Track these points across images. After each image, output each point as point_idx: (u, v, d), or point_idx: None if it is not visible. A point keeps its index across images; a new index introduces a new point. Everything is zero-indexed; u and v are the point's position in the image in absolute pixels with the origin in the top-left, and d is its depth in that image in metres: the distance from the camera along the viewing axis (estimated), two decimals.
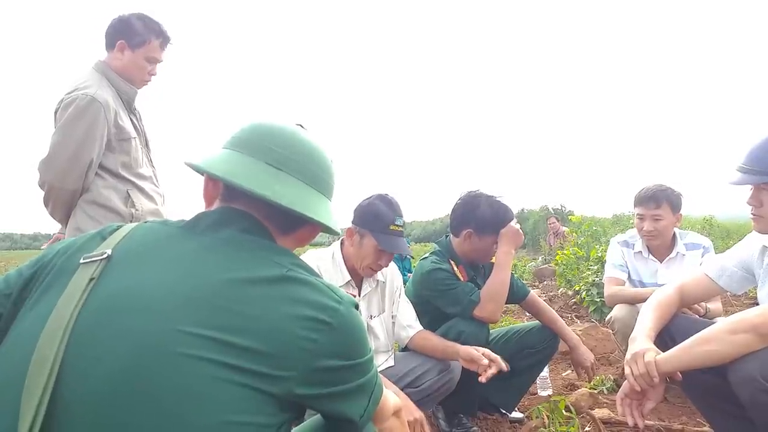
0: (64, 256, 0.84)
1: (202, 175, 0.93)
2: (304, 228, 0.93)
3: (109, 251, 0.81)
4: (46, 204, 2.06)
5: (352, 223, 1.95)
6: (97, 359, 0.70)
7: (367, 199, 1.95)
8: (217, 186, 0.92)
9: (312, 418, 0.96)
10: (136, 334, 0.71)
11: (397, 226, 1.88)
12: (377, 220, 1.88)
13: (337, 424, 0.88)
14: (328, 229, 0.93)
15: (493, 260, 2.31)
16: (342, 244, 2.01)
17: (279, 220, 0.89)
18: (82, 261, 0.80)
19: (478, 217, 2.20)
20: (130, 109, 2.16)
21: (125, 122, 2.07)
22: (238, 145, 0.90)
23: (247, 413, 0.70)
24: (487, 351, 1.89)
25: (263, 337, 0.72)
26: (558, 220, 11.42)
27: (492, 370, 1.82)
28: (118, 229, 0.89)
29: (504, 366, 1.84)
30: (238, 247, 0.82)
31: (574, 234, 7.63)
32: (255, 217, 0.88)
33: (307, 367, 0.75)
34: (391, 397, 0.98)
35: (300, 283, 0.79)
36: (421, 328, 2.12)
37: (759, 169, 1.45)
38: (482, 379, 1.82)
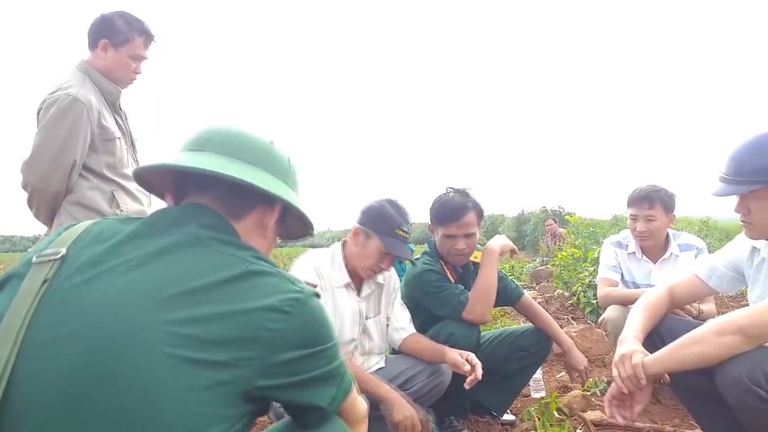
0: (23, 260, 0.81)
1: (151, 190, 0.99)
2: (256, 210, 0.92)
3: (63, 250, 0.79)
4: (30, 206, 2.04)
5: (359, 223, 1.94)
6: (49, 361, 0.68)
7: (377, 201, 1.96)
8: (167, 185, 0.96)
9: (281, 421, 0.95)
10: (92, 334, 0.69)
11: (403, 231, 1.90)
12: (384, 222, 1.89)
13: (304, 421, 0.87)
14: (265, 193, 0.87)
15: (474, 258, 2.27)
16: (344, 245, 2.00)
17: (226, 203, 0.89)
18: (34, 260, 0.78)
19: (431, 212, 2.23)
20: (115, 109, 2.14)
21: (109, 122, 2.05)
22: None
23: (211, 404, 0.70)
24: (471, 356, 1.88)
25: (226, 330, 0.72)
26: (555, 222, 11.44)
27: (472, 377, 1.81)
28: (72, 227, 0.86)
29: (479, 375, 1.83)
30: (200, 245, 0.80)
31: (572, 235, 7.61)
32: (216, 212, 0.87)
33: (268, 356, 0.75)
34: (363, 404, 0.98)
35: (262, 275, 0.79)
36: (414, 330, 2.11)
37: (741, 179, 1.42)
38: (466, 385, 1.82)
